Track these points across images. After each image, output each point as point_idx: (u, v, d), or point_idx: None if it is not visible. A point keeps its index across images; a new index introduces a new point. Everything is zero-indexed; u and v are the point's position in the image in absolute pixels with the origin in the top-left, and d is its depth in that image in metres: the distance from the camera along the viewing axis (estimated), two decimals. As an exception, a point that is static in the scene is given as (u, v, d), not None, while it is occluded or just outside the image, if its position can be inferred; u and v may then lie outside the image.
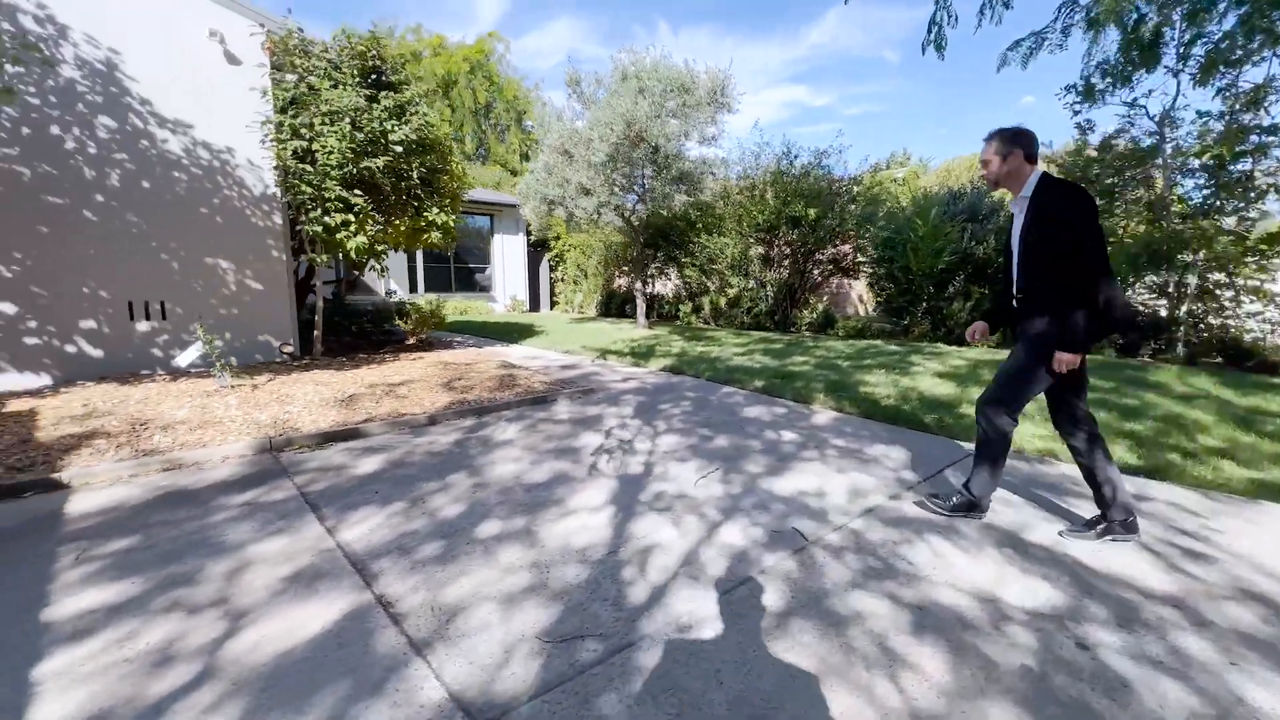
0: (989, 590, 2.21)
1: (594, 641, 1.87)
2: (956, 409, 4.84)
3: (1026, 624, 2.00)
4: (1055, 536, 2.66)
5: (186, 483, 3.29)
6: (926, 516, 2.87)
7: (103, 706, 1.57)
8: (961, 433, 4.24)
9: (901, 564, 2.40)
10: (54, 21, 4.98)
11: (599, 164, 9.18)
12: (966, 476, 2.93)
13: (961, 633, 1.95)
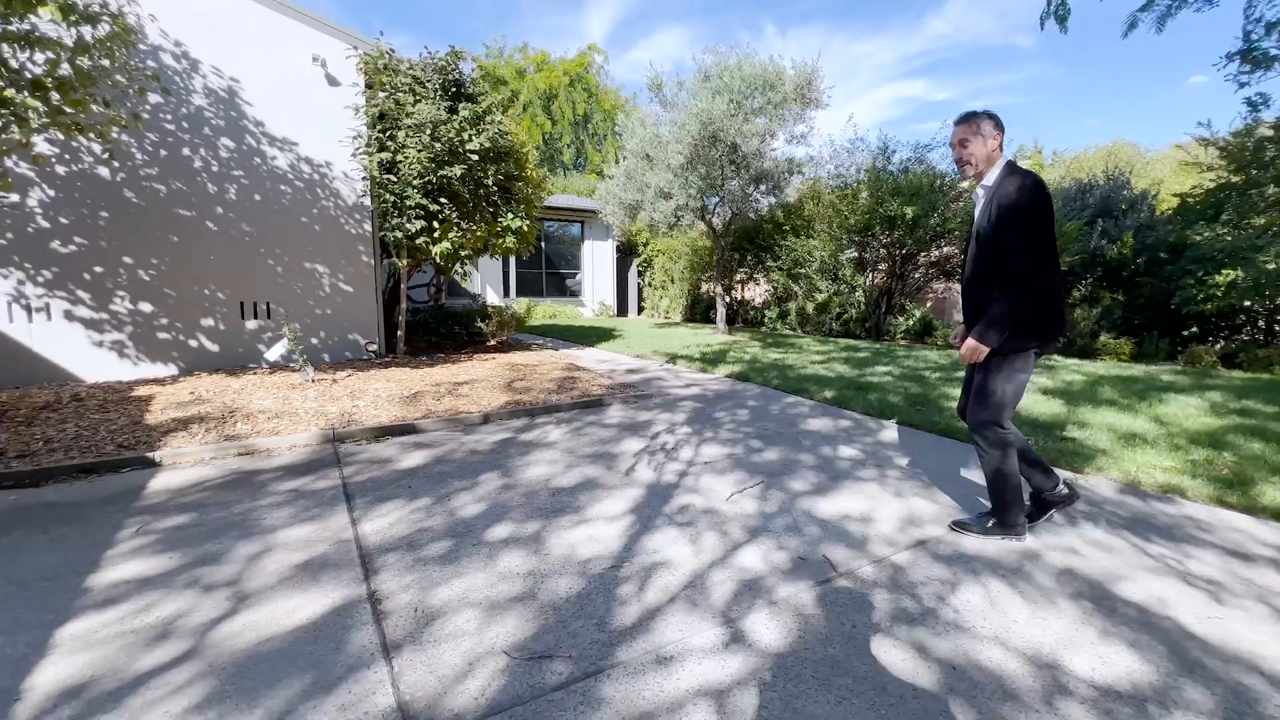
0: (1049, 652, 1.81)
1: (563, 663, 1.74)
2: (1059, 431, 4.18)
3: (1091, 703, 1.60)
4: (1156, 594, 2.16)
5: (252, 467, 3.57)
6: (990, 554, 2.45)
7: (91, 675, 1.67)
8: (1061, 459, 3.63)
9: (944, 609, 2.05)
10: (188, 57, 5.70)
11: (677, 167, 9.06)
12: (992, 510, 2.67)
13: (998, 704, 1.60)
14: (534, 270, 17.38)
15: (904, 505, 2.98)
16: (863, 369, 6.98)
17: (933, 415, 4.64)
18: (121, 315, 5.58)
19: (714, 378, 6.70)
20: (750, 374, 6.57)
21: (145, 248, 5.64)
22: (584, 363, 7.62)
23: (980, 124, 2.46)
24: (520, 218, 7.08)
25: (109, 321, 5.53)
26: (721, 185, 9.21)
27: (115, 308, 5.55)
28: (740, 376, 6.57)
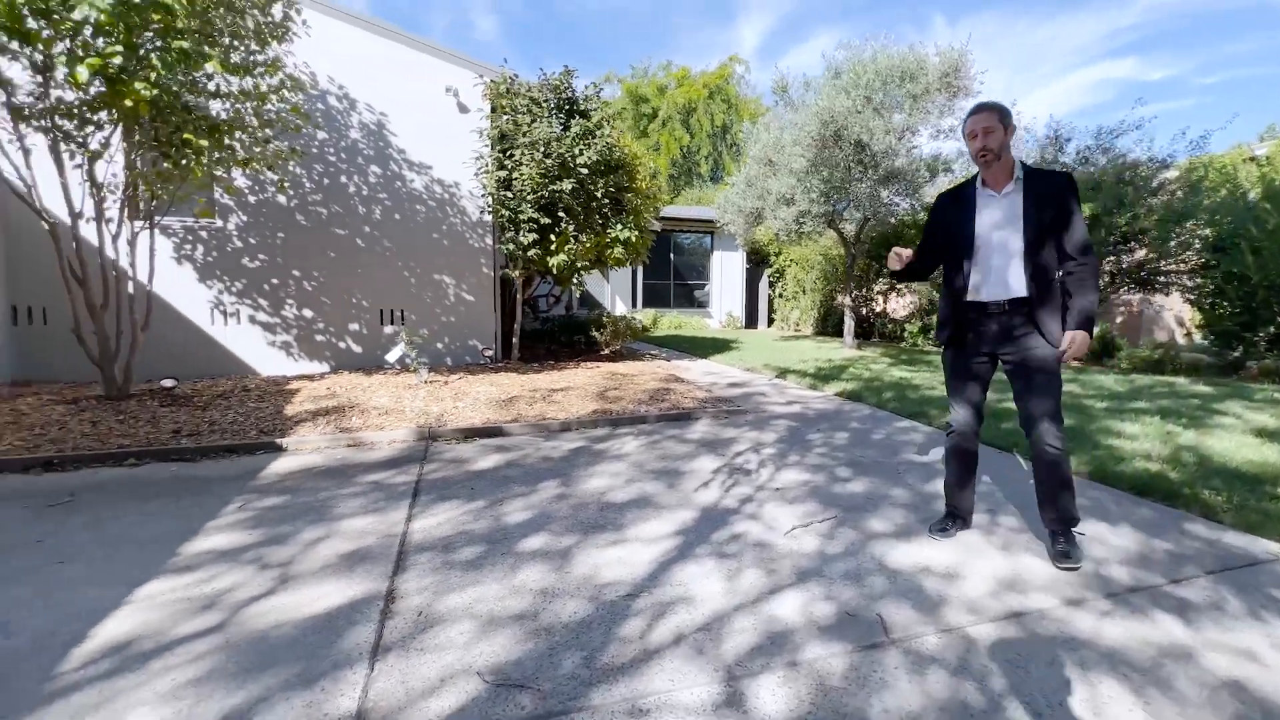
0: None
1: (529, 697, 1.61)
2: (1272, 487, 3.17)
3: None
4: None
5: (352, 458, 3.94)
6: (1112, 640, 1.87)
7: (138, 634, 1.88)
8: (1266, 525, 2.73)
9: (1015, 709, 1.58)
10: (348, 98, 6.59)
11: (799, 170, 8.56)
12: (1048, 514, 2.45)
13: None
14: (662, 282, 17.57)
15: (1008, 563, 2.42)
16: (1007, 392, 5.97)
17: (1083, 453, 3.78)
18: (289, 320, 6.57)
19: (821, 395, 6.15)
20: (864, 393, 5.93)
21: (309, 262, 6.59)
22: (689, 374, 7.46)
23: (1003, 114, 2.34)
24: (629, 228, 7.15)
25: (280, 325, 6.54)
26: (847, 188, 8.51)
27: (285, 314, 6.55)
28: (852, 395, 5.96)
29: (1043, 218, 2.28)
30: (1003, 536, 2.69)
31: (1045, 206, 2.28)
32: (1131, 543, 2.61)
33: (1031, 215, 2.29)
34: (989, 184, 2.41)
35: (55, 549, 2.51)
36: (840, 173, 8.28)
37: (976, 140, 2.35)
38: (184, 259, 6.17)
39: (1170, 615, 2.03)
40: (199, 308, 6.26)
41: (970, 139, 2.38)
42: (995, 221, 2.37)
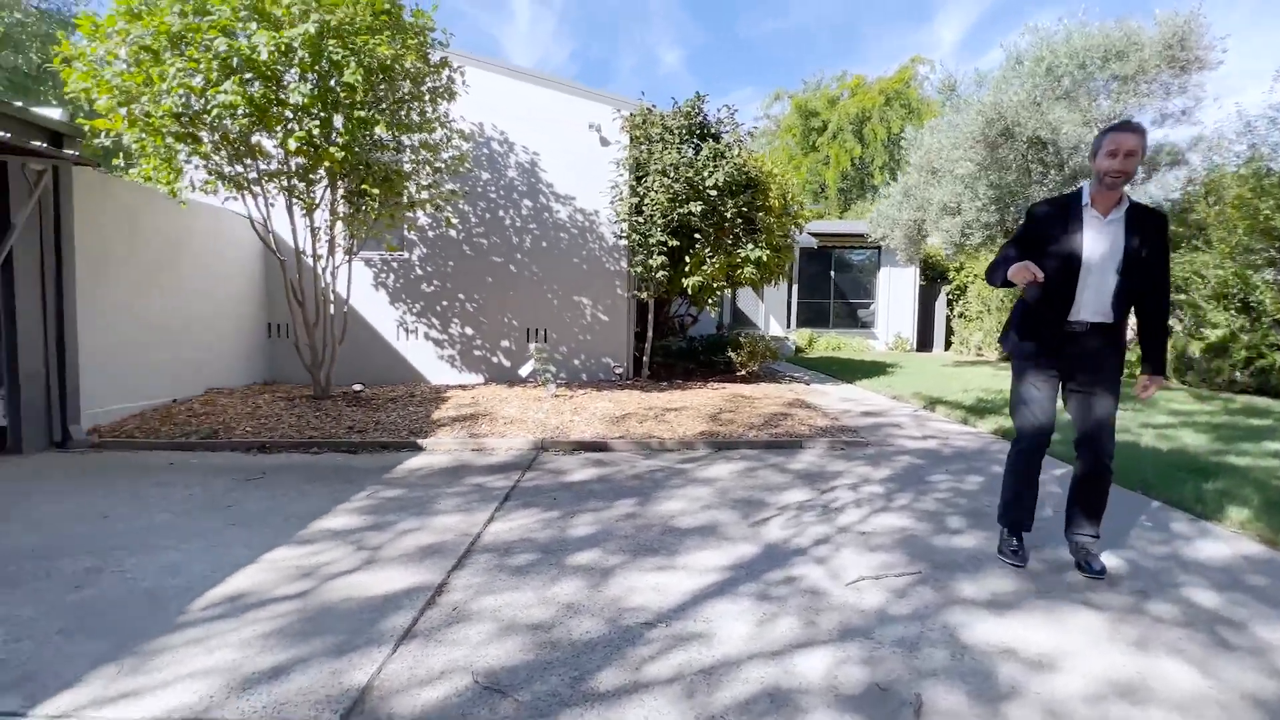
0: None
1: (507, 705, 1.67)
2: None
3: None
4: None
5: (470, 460, 4.41)
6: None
7: (248, 591, 2.34)
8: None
9: None
10: (507, 141, 7.48)
11: (964, 175, 7.60)
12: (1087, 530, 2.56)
13: None
14: (821, 300, 16.72)
15: (1134, 662, 1.89)
16: (1235, 442, 4.61)
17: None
18: (454, 337, 7.58)
19: (969, 431, 5.35)
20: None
21: (472, 287, 7.55)
22: (821, 400, 7.00)
23: (1142, 136, 2.31)
24: (760, 248, 6.99)
25: (446, 341, 7.57)
26: (1023, 192, 7.32)
27: (451, 331, 7.57)
28: (1010, 433, 5.08)
29: (1140, 251, 2.35)
30: (1142, 627, 2.10)
31: (1145, 242, 2.35)
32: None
33: (1131, 247, 2.35)
34: (1097, 206, 2.39)
35: (233, 514, 3.22)
36: (1014, 175, 7.17)
37: (1116, 160, 2.28)
38: (379, 285, 7.49)
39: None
40: (389, 325, 7.53)
41: (1109, 156, 2.30)
42: (1100, 246, 2.37)
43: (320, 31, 4.27)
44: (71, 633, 2.00)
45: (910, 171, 8.93)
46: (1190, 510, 3.29)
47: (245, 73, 4.28)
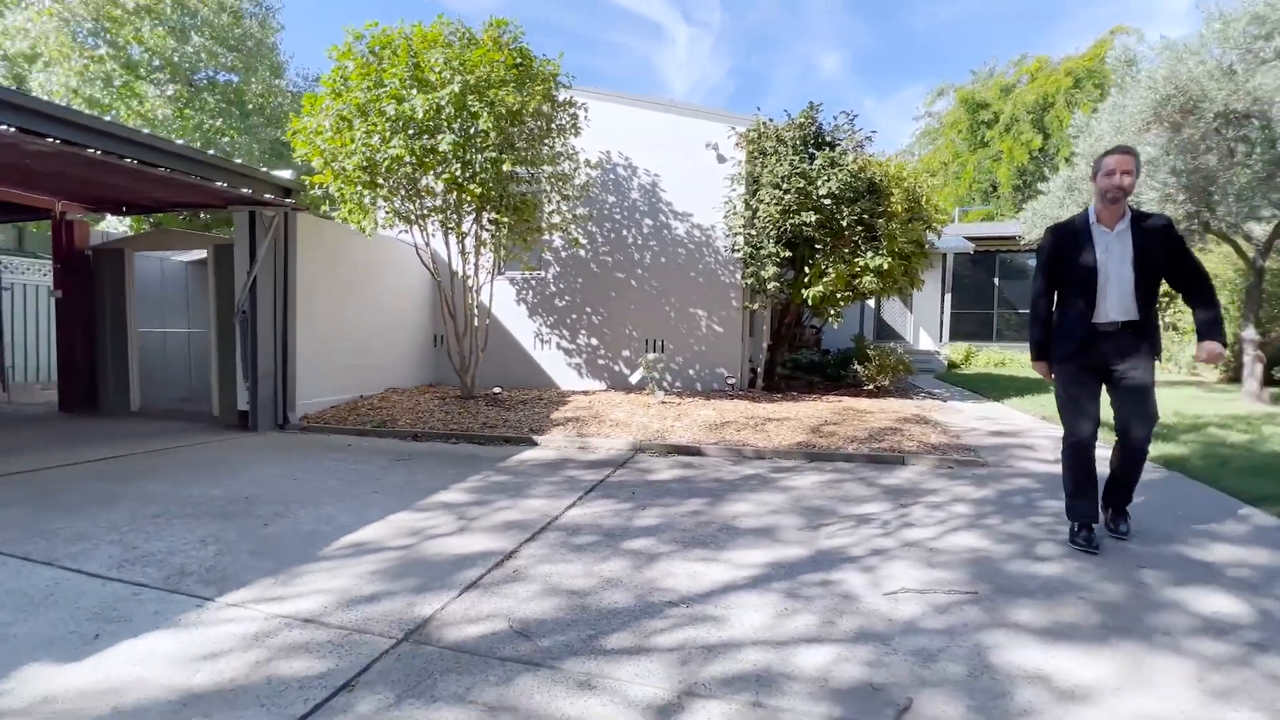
0: None
1: (526, 646, 2.00)
2: None
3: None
4: None
5: (572, 456, 4.89)
6: None
7: (371, 541, 2.95)
8: None
9: None
10: (631, 165, 8.03)
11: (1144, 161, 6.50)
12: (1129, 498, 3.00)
13: None
14: (982, 310, 15.06)
15: (1179, 708, 1.66)
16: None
17: None
18: (581, 347, 8.28)
19: (1124, 459, 4.60)
20: (1196, 461, 4.22)
21: (598, 301, 8.20)
22: (951, 418, 6.45)
23: (1133, 156, 2.72)
24: (881, 255, 6.68)
25: (574, 351, 8.30)
26: (1225, 175, 6.04)
27: (579, 342, 8.28)
28: (1176, 463, 4.30)
29: (1153, 252, 2.72)
30: (1239, 679, 1.81)
31: (1155, 244, 2.72)
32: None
33: (1143, 250, 2.72)
34: (1103, 221, 2.78)
35: (380, 484, 4.00)
36: (1214, 158, 5.96)
37: (1114, 178, 2.67)
38: (520, 301, 8.46)
39: None
40: (527, 336, 8.46)
41: (1107, 175, 2.69)
42: (1113, 255, 2.76)
43: (463, 90, 5.14)
44: (255, 554, 2.74)
45: (1078, 163, 7.81)
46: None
47: (409, 129, 5.27)
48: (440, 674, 1.82)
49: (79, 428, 5.99)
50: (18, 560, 2.60)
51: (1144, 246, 2.71)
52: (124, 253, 7.04)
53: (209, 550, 2.77)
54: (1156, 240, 2.72)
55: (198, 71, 11.91)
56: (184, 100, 11.08)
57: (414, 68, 5.32)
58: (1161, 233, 2.73)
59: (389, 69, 5.31)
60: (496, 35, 5.64)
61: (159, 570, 2.53)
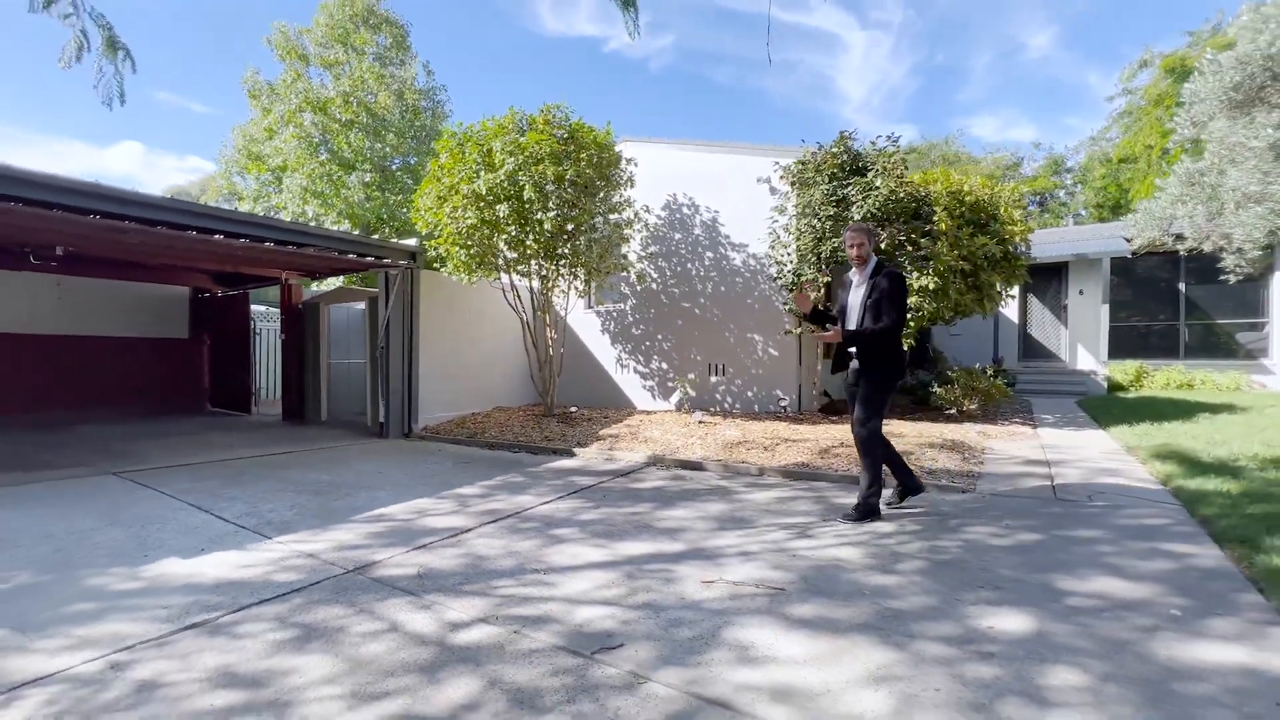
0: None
1: (419, 583, 2.93)
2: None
3: None
4: None
5: (592, 466, 5.75)
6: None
7: (388, 513, 4.14)
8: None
9: None
10: (694, 204, 8.75)
11: (1263, 148, 5.47)
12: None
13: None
14: (1160, 322, 12.64)
15: (861, 679, 2.02)
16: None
17: None
18: (654, 370, 9.11)
19: (1160, 493, 4.12)
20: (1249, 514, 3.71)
21: (666, 330, 8.99)
22: (1006, 446, 6.03)
23: (862, 232, 3.88)
24: (927, 275, 6.53)
25: (648, 374, 9.16)
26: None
27: (652, 366, 9.13)
28: (1219, 511, 3.81)
29: (872, 295, 3.77)
30: (915, 667, 2.08)
31: (875, 287, 3.78)
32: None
33: (872, 292, 3.78)
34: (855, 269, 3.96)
35: (431, 479, 5.27)
36: None
37: (855, 249, 3.88)
38: (605, 331, 9.59)
39: None
40: (610, 362, 9.54)
41: (853, 247, 3.89)
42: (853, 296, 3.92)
43: (515, 169, 6.44)
44: (314, 516, 4.08)
45: (1209, 149, 6.64)
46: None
47: (480, 203, 6.71)
48: (353, 590, 2.84)
49: (284, 432, 8.41)
50: (192, 508, 4.25)
51: (872, 287, 3.78)
52: (320, 306, 9.63)
53: (291, 512, 4.19)
54: (881, 281, 3.76)
55: (390, 161, 15.39)
56: (377, 185, 14.45)
57: (485, 154, 6.77)
58: (884, 278, 3.74)
59: (468, 157, 6.83)
60: (549, 118, 6.89)
61: (256, 520, 3.97)
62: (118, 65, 2.75)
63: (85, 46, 2.60)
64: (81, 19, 2.58)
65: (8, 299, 9.19)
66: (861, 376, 3.81)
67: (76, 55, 2.57)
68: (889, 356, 3.78)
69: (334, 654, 2.22)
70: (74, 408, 9.75)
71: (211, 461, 6.02)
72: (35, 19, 2.74)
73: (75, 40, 2.56)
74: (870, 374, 3.78)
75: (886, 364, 3.79)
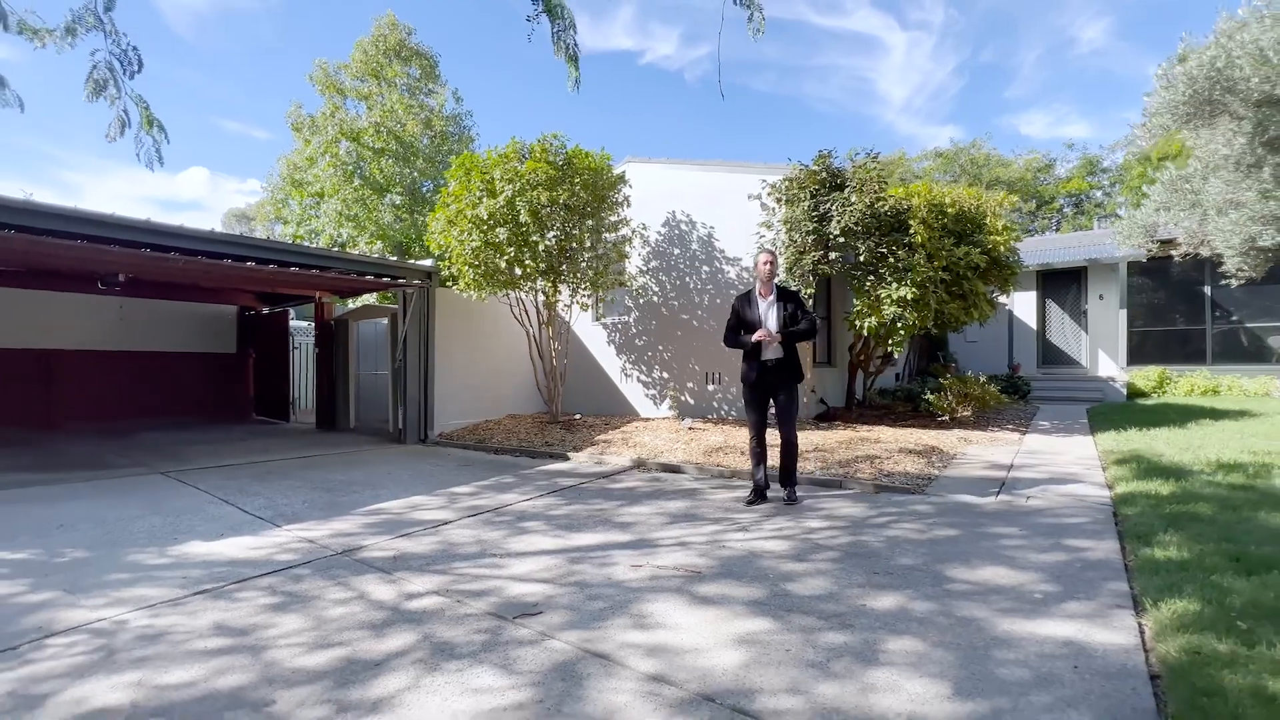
0: (393, 701, 2.03)
1: (399, 560, 3.43)
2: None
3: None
4: None
5: (579, 469, 6.20)
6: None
7: (386, 508, 4.68)
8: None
9: (459, 658, 2.31)
10: (691, 220, 9.16)
11: (1229, 157, 5.50)
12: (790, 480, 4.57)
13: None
14: (1186, 326, 12.28)
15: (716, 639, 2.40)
16: None
17: None
18: (655, 379, 9.52)
19: (1096, 496, 4.29)
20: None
21: (667, 340, 9.40)
22: (984, 452, 6.19)
23: (773, 254, 4.63)
24: (905, 286, 6.76)
25: (650, 383, 9.57)
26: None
27: (653, 375, 9.54)
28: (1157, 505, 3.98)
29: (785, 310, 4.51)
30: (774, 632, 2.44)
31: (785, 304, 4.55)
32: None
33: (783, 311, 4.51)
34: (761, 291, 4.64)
35: (430, 478, 5.81)
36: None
37: (766, 269, 4.57)
38: (610, 343, 10.06)
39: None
40: (615, 371, 10.00)
41: (764, 267, 4.57)
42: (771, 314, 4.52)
43: (513, 194, 7.00)
44: (321, 509, 4.65)
45: (1191, 161, 6.64)
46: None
47: (483, 226, 7.30)
48: (337, 568, 3.36)
49: (314, 438, 9.18)
50: (221, 501, 4.89)
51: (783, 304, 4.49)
52: (349, 322, 10.44)
53: (304, 505, 4.78)
54: (790, 300, 4.54)
55: (421, 184, 16.40)
56: (407, 207, 15.44)
57: (488, 182, 7.37)
58: (792, 297, 4.55)
59: (473, 185, 7.44)
60: (545, 147, 7.45)
61: (272, 512, 4.57)
62: (154, 136, 3.38)
63: (127, 123, 3.25)
64: (124, 101, 3.22)
65: (79, 320, 10.33)
66: (783, 389, 4.49)
67: (120, 131, 3.22)
68: (797, 365, 4.54)
69: (306, 614, 2.73)
70: (135, 416, 10.83)
71: (245, 463, 6.74)
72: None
73: (119, 119, 3.21)
74: (791, 386, 4.51)
75: (797, 373, 4.53)
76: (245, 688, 2.12)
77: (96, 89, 3.68)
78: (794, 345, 4.49)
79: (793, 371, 4.51)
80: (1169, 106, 5.17)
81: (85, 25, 3.72)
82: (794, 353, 4.53)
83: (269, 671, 2.22)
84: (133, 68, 3.78)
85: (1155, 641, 2.23)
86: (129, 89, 3.29)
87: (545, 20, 3.83)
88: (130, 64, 3.78)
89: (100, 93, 3.21)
